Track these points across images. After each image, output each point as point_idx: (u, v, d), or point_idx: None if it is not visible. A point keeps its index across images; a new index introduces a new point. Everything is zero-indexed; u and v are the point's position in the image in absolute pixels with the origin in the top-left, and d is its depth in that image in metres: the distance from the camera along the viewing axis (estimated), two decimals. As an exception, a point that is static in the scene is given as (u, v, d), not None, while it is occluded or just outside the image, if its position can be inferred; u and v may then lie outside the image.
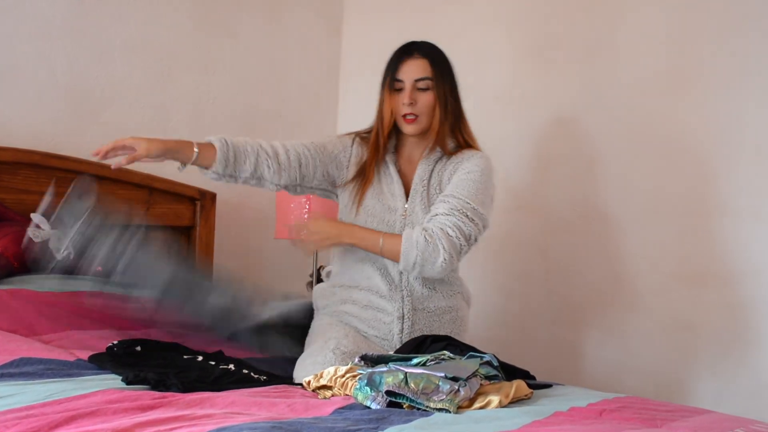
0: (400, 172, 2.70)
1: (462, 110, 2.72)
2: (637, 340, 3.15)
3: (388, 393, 1.94)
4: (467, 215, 2.50)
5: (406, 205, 2.64)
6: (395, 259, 2.52)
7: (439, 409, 1.91)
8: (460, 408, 1.94)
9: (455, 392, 1.94)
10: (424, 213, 2.62)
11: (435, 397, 1.93)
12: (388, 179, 2.69)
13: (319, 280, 2.88)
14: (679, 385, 3.03)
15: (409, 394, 1.94)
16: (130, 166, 3.42)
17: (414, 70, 2.62)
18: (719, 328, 2.95)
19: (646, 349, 3.12)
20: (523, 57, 3.51)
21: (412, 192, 2.66)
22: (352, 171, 2.71)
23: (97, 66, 3.47)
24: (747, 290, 2.89)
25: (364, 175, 2.68)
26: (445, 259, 2.46)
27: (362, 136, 2.76)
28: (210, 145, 2.52)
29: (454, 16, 3.75)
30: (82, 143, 3.41)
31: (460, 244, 2.48)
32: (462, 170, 2.60)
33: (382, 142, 2.67)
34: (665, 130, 3.09)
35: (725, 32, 2.95)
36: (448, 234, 2.47)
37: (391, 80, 2.63)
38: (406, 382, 1.95)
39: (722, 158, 2.95)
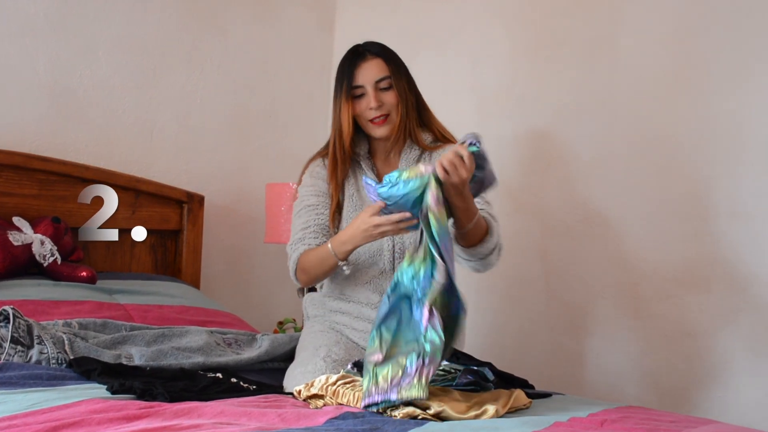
0: (378, 176, 2.71)
1: (425, 103, 2.74)
2: (639, 347, 3.16)
3: (366, 407, 1.97)
4: (491, 211, 2.58)
5: None
6: (475, 239, 2.45)
7: (414, 399, 1.94)
8: (455, 416, 1.95)
9: (420, 370, 1.95)
10: None
11: (405, 384, 1.95)
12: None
13: (312, 288, 2.88)
14: (684, 394, 3.04)
15: (379, 398, 1.96)
16: (117, 167, 3.46)
17: (372, 72, 2.63)
18: (724, 335, 2.96)
19: (649, 356, 3.13)
20: (522, 55, 3.52)
21: None
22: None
23: (81, 64, 3.47)
24: (753, 295, 2.90)
25: (334, 195, 2.68)
26: (500, 255, 2.58)
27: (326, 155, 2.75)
28: None
29: (451, 13, 3.76)
30: (66, 144, 3.41)
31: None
32: None
33: (340, 156, 2.66)
34: (668, 130, 3.10)
35: (728, 29, 2.96)
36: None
37: (348, 88, 2.63)
38: (376, 380, 1.97)
39: (727, 158, 2.96)
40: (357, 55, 2.66)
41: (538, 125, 3.45)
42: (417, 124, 2.70)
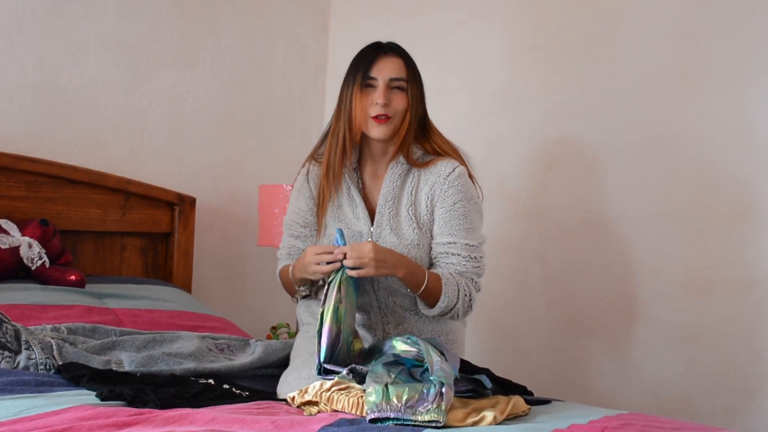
0: (364, 189, 2.67)
1: (429, 120, 2.69)
2: (640, 352, 3.16)
3: (372, 421, 1.95)
4: (476, 258, 2.58)
5: (371, 229, 2.61)
6: (430, 301, 2.53)
7: (429, 422, 1.92)
8: (453, 423, 1.94)
9: (440, 396, 1.94)
10: (393, 236, 2.58)
11: (421, 408, 1.94)
12: (351, 201, 2.64)
13: (306, 295, 2.86)
14: (686, 400, 3.04)
15: (392, 414, 1.94)
16: (106, 169, 3.45)
17: (389, 68, 2.59)
18: (727, 340, 2.96)
19: (651, 362, 3.13)
20: (520, 54, 3.52)
21: (377, 215, 2.61)
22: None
23: (70, 63, 3.46)
24: (756, 299, 2.90)
25: (326, 190, 2.65)
26: (470, 310, 2.59)
27: (316, 159, 2.72)
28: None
29: (447, 11, 3.75)
30: (54, 145, 3.41)
31: (479, 290, 2.62)
32: (444, 202, 2.59)
33: (350, 146, 2.60)
34: (670, 130, 3.10)
35: (732, 26, 2.96)
36: (476, 285, 2.58)
37: (363, 77, 2.58)
38: (387, 397, 1.96)
39: (730, 159, 2.96)
40: (379, 48, 2.63)
41: (537, 126, 3.45)
42: (414, 138, 2.64)
